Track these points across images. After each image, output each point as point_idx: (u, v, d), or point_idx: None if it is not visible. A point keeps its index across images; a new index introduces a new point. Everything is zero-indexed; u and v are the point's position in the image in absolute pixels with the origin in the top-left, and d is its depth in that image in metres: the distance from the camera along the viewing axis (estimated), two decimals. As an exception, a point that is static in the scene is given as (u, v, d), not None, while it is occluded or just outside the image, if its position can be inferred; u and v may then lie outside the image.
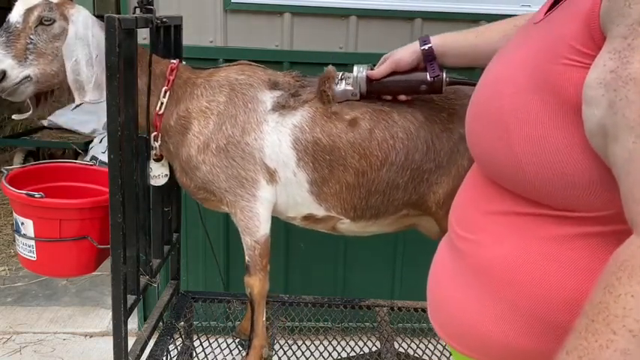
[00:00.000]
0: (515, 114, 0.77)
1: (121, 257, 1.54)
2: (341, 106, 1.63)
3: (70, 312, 2.95)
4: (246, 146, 1.63)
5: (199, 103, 1.65)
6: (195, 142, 1.64)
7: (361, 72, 1.58)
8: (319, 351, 2.08)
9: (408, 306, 2.24)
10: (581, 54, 0.70)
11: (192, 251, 2.61)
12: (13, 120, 5.41)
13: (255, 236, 1.70)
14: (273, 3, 2.39)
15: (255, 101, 1.65)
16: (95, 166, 2.05)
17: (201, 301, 2.21)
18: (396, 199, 1.66)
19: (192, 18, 2.32)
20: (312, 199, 1.69)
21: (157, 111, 1.65)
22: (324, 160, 1.63)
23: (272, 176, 1.66)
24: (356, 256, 2.67)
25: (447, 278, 0.93)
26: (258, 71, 1.73)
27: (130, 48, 1.50)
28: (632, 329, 0.55)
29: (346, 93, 1.61)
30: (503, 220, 0.84)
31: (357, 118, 1.62)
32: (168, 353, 1.90)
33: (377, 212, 1.70)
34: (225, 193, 1.68)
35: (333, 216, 1.72)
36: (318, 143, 1.62)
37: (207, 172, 1.65)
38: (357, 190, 1.65)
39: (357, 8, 2.42)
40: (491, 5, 2.44)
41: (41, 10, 1.53)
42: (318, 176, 1.65)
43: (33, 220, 1.71)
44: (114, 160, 1.48)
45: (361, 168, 1.62)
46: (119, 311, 1.57)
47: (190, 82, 1.68)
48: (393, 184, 1.63)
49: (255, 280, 1.74)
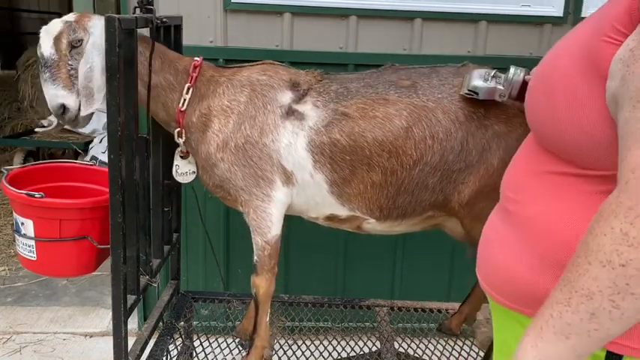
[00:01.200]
0: (562, 83, 0.86)
1: (121, 257, 1.54)
2: (371, 102, 1.58)
3: (70, 312, 2.95)
4: (264, 147, 1.62)
5: (221, 101, 1.65)
6: (214, 139, 1.64)
7: (517, 75, 1.45)
8: (319, 351, 2.08)
9: (408, 306, 2.24)
10: (619, 33, 0.77)
11: (192, 251, 2.61)
12: (13, 120, 5.42)
13: (266, 237, 1.69)
14: (273, 3, 2.39)
15: (275, 103, 1.64)
16: (95, 166, 2.05)
17: (201, 301, 2.21)
18: (423, 200, 1.63)
19: (192, 18, 2.32)
20: (334, 199, 1.67)
21: (180, 107, 1.66)
22: (344, 160, 1.60)
23: (289, 178, 1.65)
24: (356, 257, 2.67)
25: (494, 236, 1.02)
26: (280, 71, 1.72)
27: (130, 48, 1.50)
28: (602, 260, 0.68)
29: (494, 92, 1.49)
30: (543, 179, 0.93)
31: (390, 115, 1.57)
32: (168, 353, 1.90)
33: (404, 212, 1.67)
34: (240, 192, 1.68)
35: (358, 216, 1.70)
36: (336, 144, 1.60)
37: (225, 170, 1.65)
38: (384, 189, 1.62)
39: (357, 8, 2.42)
40: (492, 5, 2.44)
41: (67, 35, 1.54)
42: (337, 177, 1.62)
43: (33, 220, 1.71)
44: (114, 160, 1.48)
45: (390, 167, 1.58)
46: (119, 311, 1.57)
47: (214, 80, 1.69)
48: (422, 185, 1.60)
49: (262, 281, 1.73)
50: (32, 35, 7.50)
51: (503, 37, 2.51)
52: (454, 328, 2.07)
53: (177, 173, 1.79)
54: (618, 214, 0.67)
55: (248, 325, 2.06)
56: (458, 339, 2.17)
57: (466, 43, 2.50)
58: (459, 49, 2.50)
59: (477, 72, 1.54)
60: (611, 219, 0.68)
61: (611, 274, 0.67)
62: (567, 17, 2.48)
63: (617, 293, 0.67)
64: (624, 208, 0.67)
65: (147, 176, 1.71)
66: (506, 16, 2.47)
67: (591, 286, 0.69)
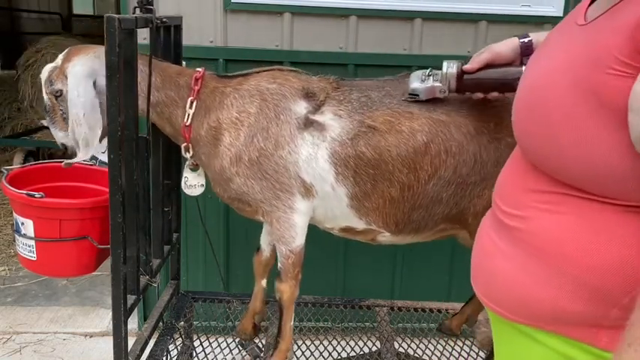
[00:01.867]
0: (562, 116, 0.85)
1: (121, 257, 1.54)
2: (398, 115, 1.54)
3: (70, 312, 2.95)
4: (280, 159, 1.57)
5: (230, 113, 1.60)
6: (227, 154, 1.60)
7: (451, 67, 1.48)
8: (319, 351, 2.08)
9: (408, 306, 2.24)
10: (625, 65, 0.77)
11: (192, 251, 2.61)
12: (13, 120, 5.42)
13: (291, 246, 1.67)
14: (273, 3, 2.39)
15: (288, 112, 1.58)
16: (95, 166, 2.04)
17: (201, 301, 2.21)
18: (436, 214, 1.61)
19: (192, 18, 2.32)
20: (353, 213, 1.64)
21: (184, 122, 1.62)
22: (368, 174, 1.56)
23: (308, 190, 1.61)
24: (356, 256, 2.67)
25: (493, 249, 1.01)
26: (290, 78, 1.64)
27: (130, 48, 1.50)
28: None
29: (434, 90, 1.51)
30: (547, 198, 0.92)
31: (414, 131, 1.53)
32: (168, 353, 1.90)
33: (417, 227, 1.65)
34: (260, 204, 1.64)
35: (374, 229, 1.68)
36: (361, 157, 1.55)
37: (241, 184, 1.61)
38: (400, 204, 1.59)
39: (357, 8, 2.41)
40: (492, 5, 2.44)
41: (46, 87, 1.60)
42: (359, 190, 1.59)
43: (33, 220, 1.71)
44: (114, 160, 1.48)
45: (408, 182, 1.55)
46: (119, 311, 1.57)
47: (218, 91, 1.64)
48: (436, 199, 1.58)
49: (286, 287, 1.72)
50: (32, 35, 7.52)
51: (504, 37, 2.45)
52: (454, 329, 2.07)
53: (185, 185, 1.77)
54: None
55: (247, 325, 2.06)
56: (458, 339, 2.17)
57: (466, 43, 2.50)
58: (459, 49, 2.50)
59: (414, 74, 1.55)
60: None
61: None
62: (567, 17, 2.48)
63: None
64: None
65: (147, 176, 1.71)
66: (506, 16, 2.47)
67: None
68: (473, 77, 1.48)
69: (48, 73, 1.60)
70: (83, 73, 1.55)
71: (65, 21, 8.72)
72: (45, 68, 1.62)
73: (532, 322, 0.94)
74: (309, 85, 1.63)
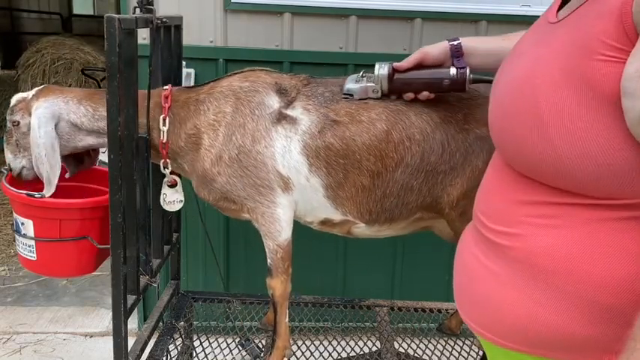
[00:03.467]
0: (552, 109, 0.80)
1: (121, 257, 1.54)
2: (356, 107, 1.60)
3: (70, 312, 2.95)
4: (258, 155, 1.60)
5: (206, 117, 1.63)
6: (208, 155, 1.62)
7: (382, 68, 1.54)
8: (319, 351, 2.08)
9: (408, 306, 2.24)
10: (615, 49, 0.73)
11: (192, 251, 2.61)
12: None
13: (278, 240, 1.69)
14: (273, 3, 2.39)
15: (262, 107, 1.62)
16: (95, 166, 2.04)
17: (201, 301, 2.21)
18: (410, 202, 1.64)
19: (192, 18, 2.32)
20: (329, 203, 1.66)
21: (161, 140, 1.64)
22: (338, 164, 1.60)
23: (286, 183, 1.64)
24: (356, 256, 2.67)
25: (486, 273, 0.94)
26: (262, 75, 1.69)
27: (130, 48, 1.50)
28: None
29: (367, 90, 1.57)
30: (542, 210, 0.86)
31: (373, 120, 1.58)
32: (168, 353, 1.90)
33: (391, 216, 1.67)
34: (244, 201, 1.67)
35: (349, 220, 1.70)
36: (330, 148, 1.59)
37: (224, 183, 1.64)
38: (372, 192, 1.62)
39: (357, 8, 2.42)
40: (492, 5, 2.44)
41: (8, 114, 1.70)
42: (332, 181, 1.62)
43: (33, 220, 1.71)
44: (114, 160, 1.48)
45: (376, 170, 1.59)
46: (119, 311, 1.57)
47: (192, 100, 1.66)
48: (407, 187, 1.61)
49: (277, 283, 1.73)
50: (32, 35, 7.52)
51: (503, 37, 2.50)
52: (454, 328, 2.07)
53: (164, 202, 1.79)
54: None
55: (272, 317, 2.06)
56: (458, 339, 2.17)
57: (466, 43, 2.50)
58: (459, 49, 2.49)
59: (350, 77, 1.62)
60: None
61: None
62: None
63: None
64: None
65: (147, 176, 1.71)
66: (506, 16, 2.47)
67: None
68: (403, 77, 1.53)
69: (15, 102, 1.69)
70: (46, 116, 1.62)
71: (65, 21, 8.71)
72: (15, 96, 1.72)
73: (531, 350, 0.87)
74: (281, 82, 1.68)
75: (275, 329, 1.80)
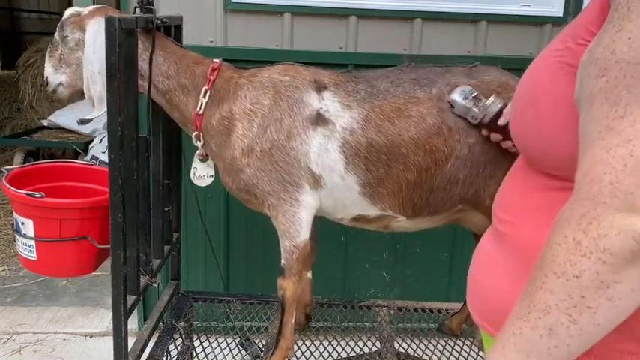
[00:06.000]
0: (545, 93, 0.82)
1: (121, 257, 1.54)
2: (404, 102, 1.59)
3: (70, 312, 2.95)
4: (291, 151, 1.59)
5: (243, 104, 1.62)
6: (239, 144, 1.61)
7: (496, 104, 1.51)
8: (319, 351, 2.08)
9: (408, 306, 2.24)
10: (592, 35, 0.74)
11: (192, 251, 2.61)
12: (13, 120, 5.43)
13: (295, 241, 1.68)
14: (273, 3, 2.39)
15: (301, 104, 1.61)
16: (95, 166, 2.05)
17: (201, 301, 2.21)
18: (455, 194, 1.63)
19: (192, 18, 2.32)
20: (365, 200, 1.65)
21: (197, 111, 1.63)
22: (380, 160, 1.59)
23: (317, 182, 1.63)
24: (356, 256, 2.67)
25: (487, 263, 0.96)
26: (302, 71, 1.68)
27: (131, 48, 1.50)
28: (556, 271, 0.64)
29: (468, 112, 1.55)
30: (537, 199, 0.87)
31: (423, 114, 1.57)
32: (168, 353, 1.90)
33: (435, 209, 1.67)
34: (267, 197, 1.65)
35: (388, 215, 1.69)
36: (372, 145, 1.58)
37: (251, 176, 1.63)
38: (418, 188, 1.61)
39: (357, 8, 2.41)
40: (491, 5, 2.44)
41: (59, 28, 1.64)
42: (372, 177, 1.61)
43: (33, 220, 1.72)
44: (114, 160, 1.48)
45: (425, 164, 1.58)
46: (119, 311, 1.57)
47: (233, 81, 1.65)
48: (454, 179, 1.60)
49: (289, 284, 1.72)
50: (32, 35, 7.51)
51: (504, 37, 2.51)
52: (454, 328, 2.07)
53: (194, 176, 1.78)
54: (571, 222, 0.64)
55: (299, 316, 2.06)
56: (458, 339, 2.17)
57: (466, 43, 2.50)
58: (459, 49, 2.50)
59: (462, 88, 1.59)
60: (565, 227, 0.64)
61: (566, 286, 0.63)
62: (567, 17, 2.48)
63: (574, 306, 0.63)
64: (577, 216, 0.63)
65: (147, 176, 1.71)
66: (506, 16, 2.47)
67: (548, 299, 0.65)
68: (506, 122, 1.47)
69: (68, 15, 1.64)
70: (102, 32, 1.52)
71: (65, 21, 8.70)
72: (68, 9, 1.67)
73: None
74: (320, 77, 1.66)
75: (280, 330, 1.80)
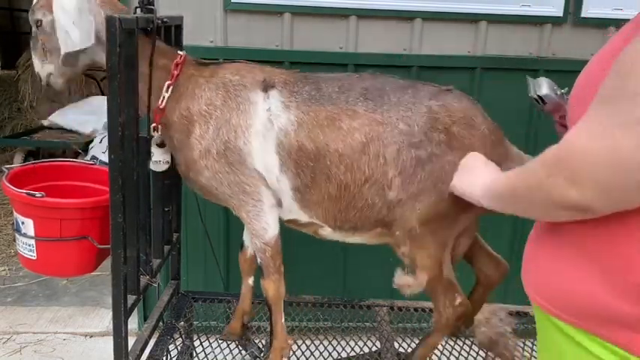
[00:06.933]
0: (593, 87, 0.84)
1: (121, 257, 1.54)
2: (339, 112, 1.55)
3: (70, 312, 2.95)
4: (240, 151, 1.58)
5: (199, 105, 1.61)
6: (197, 146, 1.61)
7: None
8: (319, 351, 2.08)
9: (407, 306, 2.24)
10: None
11: (192, 251, 2.61)
12: (13, 120, 5.43)
13: (264, 238, 1.68)
14: (273, 3, 2.39)
15: (247, 103, 1.59)
16: (95, 166, 2.05)
17: (201, 301, 2.21)
18: (370, 217, 1.61)
19: (193, 18, 2.32)
20: (296, 205, 1.65)
21: (159, 104, 1.62)
22: (307, 167, 1.56)
23: (265, 181, 1.62)
24: (356, 256, 2.67)
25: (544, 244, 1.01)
26: (254, 70, 1.66)
27: (131, 48, 1.50)
28: None
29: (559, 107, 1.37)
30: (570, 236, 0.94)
31: (353, 129, 1.54)
32: (168, 353, 1.90)
33: (354, 226, 1.66)
34: (229, 199, 1.65)
35: (316, 223, 1.69)
36: (302, 149, 1.55)
37: (210, 178, 1.62)
38: (337, 202, 1.60)
39: (357, 8, 2.42)
40: (492, 5, 2.44)
41: (30, 15, 1.61)
42: (300, 183, 1.59)
43: (33, 220, 1.72)
44: (114, 160, 1.48)
45: (345, 181, 1.56)
46: (119, 311, 1.57)
47: (193, 79, 1.65)
48: (370, 203, 1.57)
49: (269, 283, 1.72)
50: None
51: (504, 37, 2.51)
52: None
53: (151, 161, 1.74)
54: None
55: (237, 326, 2.05)
56: (458, 339, 2.17)
57: (466, 43, 2.50)
58: (459, 49, 2.50)
59: (544, 80, 1.44)
60: None
61: None
62: (567, 17, 2.48)
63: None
64: None
65: (147, 176, 1.71)
66: (506, 16, 2.47)
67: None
68: None
69: (35, 1, 1.61)
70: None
71: (65, 21, 8.69)
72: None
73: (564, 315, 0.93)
74: (271, 77, 1.64)
75: (271, 330, 1.79)
